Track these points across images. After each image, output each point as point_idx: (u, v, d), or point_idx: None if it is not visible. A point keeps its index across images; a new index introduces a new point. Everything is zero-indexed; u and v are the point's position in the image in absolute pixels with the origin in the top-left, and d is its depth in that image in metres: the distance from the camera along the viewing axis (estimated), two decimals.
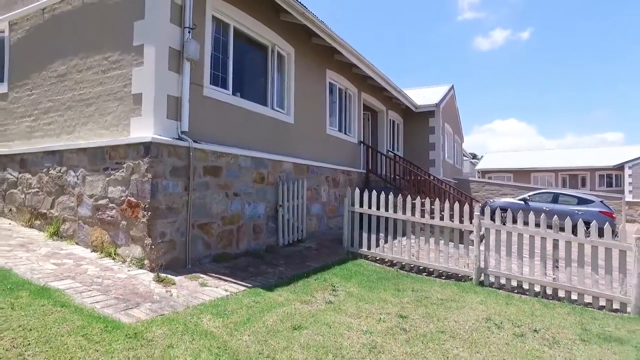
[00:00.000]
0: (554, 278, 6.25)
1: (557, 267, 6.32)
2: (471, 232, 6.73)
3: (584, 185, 34.51)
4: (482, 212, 6.74)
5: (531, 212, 6.73)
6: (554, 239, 6.25)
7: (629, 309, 5.60)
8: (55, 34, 6.65)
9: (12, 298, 3.63)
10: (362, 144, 11.64)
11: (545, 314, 5.25)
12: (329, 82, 10.02)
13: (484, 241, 6.54)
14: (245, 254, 6.56)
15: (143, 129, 5.29)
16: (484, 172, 37.34)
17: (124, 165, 5.37)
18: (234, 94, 6.84)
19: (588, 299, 5.96)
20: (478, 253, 6.45)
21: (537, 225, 6.40)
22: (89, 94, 6.09)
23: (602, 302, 5.87)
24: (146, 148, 5.14)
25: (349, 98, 11.25)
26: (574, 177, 35.44)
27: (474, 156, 54.13)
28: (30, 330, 3.08)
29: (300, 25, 8.00)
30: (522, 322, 4.80)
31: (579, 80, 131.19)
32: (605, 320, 5.16)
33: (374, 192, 7.40)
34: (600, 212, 13.84)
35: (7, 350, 2.76)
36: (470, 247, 7.02)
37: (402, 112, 15.44)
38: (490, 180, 18.89)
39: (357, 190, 7.50)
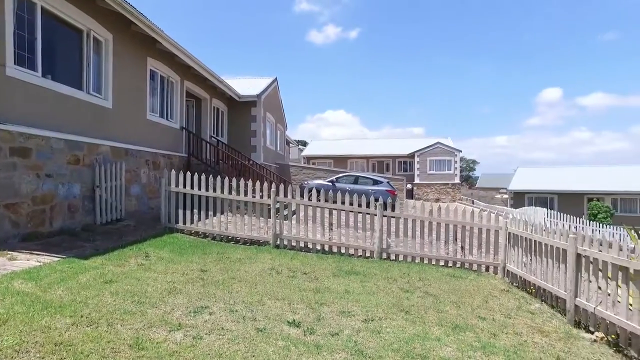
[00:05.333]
0: (329, 237, 8.30)
1: (332, 229, 8.39)
2: (269, 205, 8.32)
3: (387, 170, 41.31)
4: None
5: (319, 189, 8.67)
6: (329, 208, 8.30)
7: (375, 255, 7.94)
8: None
9: None
10: (184, 130, 12.35)
11: (317, 263, 7.10)
12: (151, 70, 10.45)
13: (279, 212, 8.22)
14: (60, 232, 6.84)
15: None
16: (309, 158, 41.23)
17: None
18: (44, 75, 6.90)
19: (352, 251, 8.15)
20: (274, 222, 8.09)
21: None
22: None
23: (360, 252, 8.12)
24: None
25: (171, 86, 11.80)
26: (380, 163, 42.08)
27: (304, 143, 58.89)
28: None
29: (119, 13, 8.31)
30: (298, 268, 6.51)
31: (396, 79, 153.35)
32: (356, 263, 7.30)
33: (189, 173, 8.38)
34: (386, 190, 17.54)
35: None
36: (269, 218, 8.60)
37: (226, 101, 16.52)
38: (306, 165, 21.54)
39: (173, 172, 8.38)
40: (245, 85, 18.22)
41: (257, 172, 13.34)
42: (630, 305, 4.45)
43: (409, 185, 35.23)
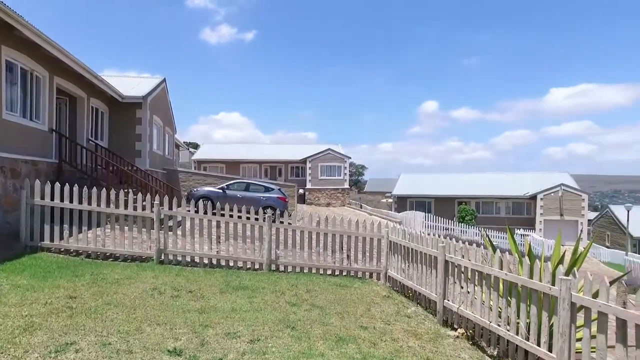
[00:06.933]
0: (217, 251, 8.06)
1: (219, 242, 8.16)
2: (153, 218, 7.78)
3: (280, 175, 41.61)
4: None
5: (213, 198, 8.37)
6: (217, 221, 8.05)
7: (264, 267, 7.90)
8: None
9: None
10: (54, 132, 10.95)
11: (204, 279, 6.81)
12: (7, 61, 9.02)
13: (163, 225, 7.74)
14: None
15: None
16: (200, 162, 39.67)
17: None
18: None
19: (241, 263, 8.00)
20: (158, 236, 7.59)
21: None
22: None
23: (249, 265, 8.01)
24: None
25: (37, 81, 10.37)
26: (273, 168, 42.21)
27: (196, 146, 56.46)
28: None
29: None
30: (182, 286, 6.17)
31: (291, 84, 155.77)
32: (245, 276, 7.17)
33: (57, 183, 7.46)
34: (278, 197, 17.63)
35: None
36: (152, 231, 8.05)
37: (107, 101, 15.05)
38: (196, 171, 20.72)
39: (38, 182, 7.38)
40: (131, 85, 16.85)
41: (142, 179, 12.43)
42: (483, 302, 5.14)
43: (301, 191, 35.97)
